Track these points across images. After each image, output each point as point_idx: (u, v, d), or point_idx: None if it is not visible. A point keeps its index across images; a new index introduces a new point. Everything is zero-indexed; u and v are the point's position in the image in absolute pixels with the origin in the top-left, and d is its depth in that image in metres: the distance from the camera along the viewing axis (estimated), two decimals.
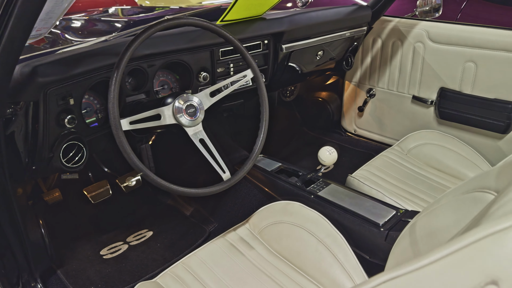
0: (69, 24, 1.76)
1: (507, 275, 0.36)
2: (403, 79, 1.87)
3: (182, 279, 1.04)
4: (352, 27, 1.75)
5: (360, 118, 2.14)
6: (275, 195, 1.41)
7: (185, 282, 1.03)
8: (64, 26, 1.71)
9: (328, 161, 1.25)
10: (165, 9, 1.82)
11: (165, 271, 1.07)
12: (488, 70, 1.59)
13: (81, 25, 1.79)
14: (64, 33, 1.66)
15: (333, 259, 1.02)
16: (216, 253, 1.12)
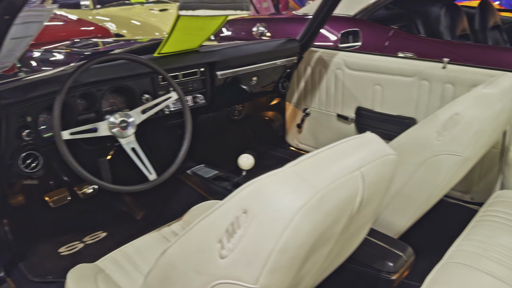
0: (41, 54, 2.03)
1: (250, 208, 0.63)
2: (329, 100, 2.18)
3: (118, 262, 1.28)
4: (283, 56, 2.06)
5: (300, 134, 2.44)
6: (208, 197, 1.67)
7: (120, 265, 1.27)
8: (38, 56, 1.98)
9: (246, 165, 1.53)
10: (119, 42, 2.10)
11: (105, 256, 1.31)
12: (391, 92, 1.91)
13: (50, 55, 2.07)
14: (35, 62, 1.93)
15: None
16: (149, 243, 1.37)
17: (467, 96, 1.17)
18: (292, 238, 0.62)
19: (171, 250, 0.75)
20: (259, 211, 0.62)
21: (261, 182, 0.65)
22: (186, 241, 0.72)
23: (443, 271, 1.12)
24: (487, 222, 1.33)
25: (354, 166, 0.72)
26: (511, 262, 1.13)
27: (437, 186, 1.20)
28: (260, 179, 0.65)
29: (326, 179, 0.67)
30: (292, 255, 0.64)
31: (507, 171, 1.59)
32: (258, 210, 0.63)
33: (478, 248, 1.19)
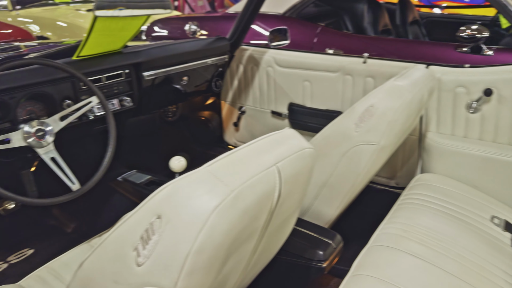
0: None
1: (164, 212, 0.62)
2: (263, 97, 2.21)
3: (44, 279, 1.20)
4: (213, 55, 2.05)
5: (237, 132, 2.45)
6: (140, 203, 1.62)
7: (48, 283, 1.19)
8: None
9: (178, 168, 1.50)
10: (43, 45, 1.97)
11: (29, 275, 1.22)
12: (319, 87, 1.98)
13: None
14: None
15: None
16: (79, 256, 1.30)
17: (381, 89, 1.24)
18: (208, 239, 0.62)
19: (87, 263, 0.72)
20: (173, 214, 0.62)
21: (175, 185, 0.64)
22: (102, 252, 0.70)
23: (369, 254, 1.18)
24: (408, 205, 1.42)
25: (270, 162, 0.74)
26: (429, 241, 1.22)
27: (359, 174, 1.27)
28: (174, 182, 0.64)
29: (241, 177, 0.68)
30: (210, 256, 0.64)
31: (425, 156, 1.72)
32: (172, 214, 0.62)
33: (399, 230, 1.27)
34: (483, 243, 1.25)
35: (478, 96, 1.56)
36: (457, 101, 1.62)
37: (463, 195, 1.49)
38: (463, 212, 1.39)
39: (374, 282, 1.06)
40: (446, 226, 1.29)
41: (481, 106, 1.57)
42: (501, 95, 1.51)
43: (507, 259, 1.20)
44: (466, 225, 1.31)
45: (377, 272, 1.09)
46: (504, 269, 1.16)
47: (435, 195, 1.47)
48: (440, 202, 1.43)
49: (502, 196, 1.53)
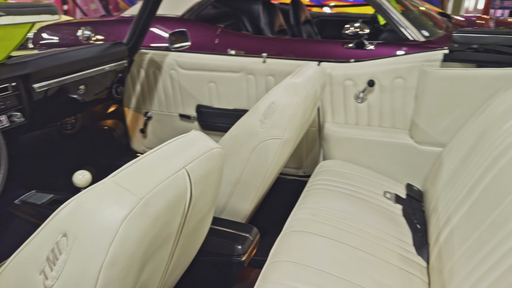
0: None
1: (69, 229, 0.60)
2: (169, 101, 2.19)
3: None
4: (110, 61, 1.97)
5: (145, 139, 2.39)
6: None
7: None
8: None
9: (82, 183, 1.42)
10: None
11: None
12: (224, 88, 2.03)
13: None
14: None
15: None
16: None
17: (279, 87, 1.33)
18: (120, 250, 0.61)
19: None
20: (80, 230, 0.60)
21: (79, 200, 0.62)
22: (2, 282, 0.64)
23: (283, 241, 1.26)
24: (314, 191, 1.54)
25: (179, 166, 0.75)
26: (334, 220, 1.34)
27: (268, 168, 1.34)
28: (78, 197, 0.62)
29: (149, 184, 0.68)
30: (123, 267, 0.63)
31: (324, 144, 1.88)
32: (79, 229, 0.60)
33: (308, 215, 1.37)
34: (379, 216, 1.41)
35: (363, 87, 1.75)
36: (346, 93, 1.79)
37: (359, 176, 1.66)
38: (360, 191, 1.55)
39: (290, 266, 1.13)
40: (348, 205, 1.44)
41: (367, 96, 1.76)
42: (381, 85, 1.72)
43: (399, 227, 1.38)
44: (364, 202, 1.48)
45: (292, 256, 1.17)
46: (398, 236, 1.33)
47: (336, 178, 1.62)
48: (341, 184, 1.58)
49: (390, 173, 1.75)
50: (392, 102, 1.73)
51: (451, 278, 0.93)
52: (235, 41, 2.71)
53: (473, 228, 0.95)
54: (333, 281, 1.09)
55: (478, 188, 1.05)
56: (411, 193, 1.60)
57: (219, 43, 2.74)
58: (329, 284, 1.08)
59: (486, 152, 1.12)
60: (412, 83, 1.67)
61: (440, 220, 1.20)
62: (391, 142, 1.71)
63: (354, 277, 1.12)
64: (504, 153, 1.01)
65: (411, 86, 1.67)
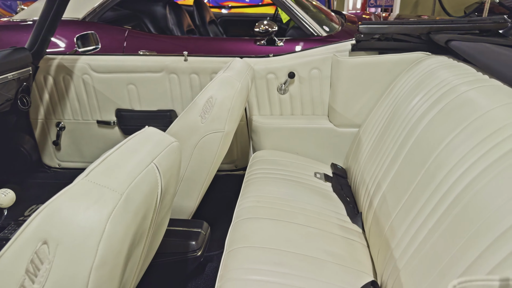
0: None
1: (50, 235, 0.56)
2: (84, 108, 2.05)
3: None
4: (12, 69, 1.78)
5: (60, 151, 2.20)
6: None
7: None
8: None
9: (6, 202, 1.28)
10: None
11: None
12: (145, 89, 1.97)
13: None
14: None
15: None
16: None
17: (215, 81, 1.36)
18: (108, 249, 0.60)
19: None
20: (62, 234, 0.57)
21: (55, 204, 0.58)
22: None
23: (235, 230, 1.31)
24: (253, 180, 1.61)
25: (147, 160, 0.75)
26: (278, 203, 1.43)
27: (211, 162, 1.37)
28: (52, 201, 0.59)
29: (125, 179, 0.67)
30: (112, 266, 0.62)
31: (254, 136, 1.96)
32: (61, 234, 0.57)
33: (253, 202, 1.44)
34: (315, 194, 1.54)
35: (284, 79, 1.87)
36: (269, 86, 1.90)
37: (290, 162, 1.78)
38: (294, 174, 1.67)
39: (248, 251, 1.18)
40: (286, 188, 1.53)
41: (288, 87, 1.89)
42: (300, 76, 1.86)
43: (333, 202, 1.53)
44: (300, 184, 1.59)
45: (247, 242, 1.22)
46: (333, 210, 1.47)
47: (271, 166, 1.71)
48: (276, 171, 1.68)
49: (316, 156, 1.90)
50: (311, 91, 1.88)
51: (393, 235, 1.08)
52: (145, 42, 2.64)
53: (404, 189, 1.11)
54: (289, 257, 1.17)
55: (399, 157, 1.23)
56: (336, 171, 1.77)
57: (128, 45, 2.64)
58: (286, 260, 1.15)
59: (401, 126, 1.31)
60: (326, 73, 1.84)
61: (370, 190, 1.37)
62: (314, 128, 1.86)
63: (307, 250, 1.21)
64: (418, 123, 1.20)
65: (326, 75, 1.84)
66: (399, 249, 1.02)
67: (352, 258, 1.24)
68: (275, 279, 1.08)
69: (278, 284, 1.07)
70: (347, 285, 1.12)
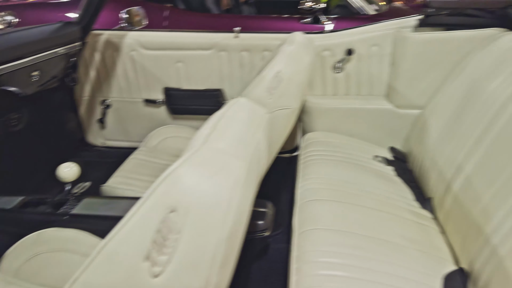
0: None
1: (178, 203, 0.51)
2: (131, 86, 2.01)
3: None
4: (63, 43, 1.74)
5: (104, 130, 2.17)
6: (24, 231, 1.29)
7: None
8: None
9: (69, 177, 1.25)
10: None
11: None
12: (194, 67, 1.92)
13: None
14: None
15: None
16: None
17: (281, 56, 1.29)
18: (236, 220, 0.55)
19: None
20: (191, 203, 0.51)
21: (179, 171, 0.53)
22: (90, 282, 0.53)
23: (303, 210, 1.25)
24: (311, 162, 1.55)
25: (254, 130, 0.69)
26: (341, 185, 1.36)
27: (276, 141, 1.31)
28: (176, 169, 0.53)
29: (244, 148, 0.61)
30: (236, 239, 0.57)
31: (305, 117, 1.89)
32: (189, 203, 0.51)
33: (316, 184, 1.37)
34: (378, 177, 1.46)
35: (341, 57, 1.78)
36: (324, 64, 1.81)
37: (346, 144, 1.70)
38: (352, 157, 1.59)
39: (321, 233, 1.12)
40: (347, 171, 1.46)
41: (344, 65, 1.80)
42: (359, 53, 1.76)
43: (398, 186, 1.45)
44: (361, 167, 1.52)
45: (318, 224, 1.16)
46: (400, 194, 1.40)
47: (326, 148, 1.64)
48: (333, 153, 1.60)
49: (372, 138, 1.82)
50: (369, 70, 1.79)
51: (487, 219, 1.00)
52: (187, 21, 2.58)
53: (498, 171, 1.02)
54: (366, 241, 1.11)
55: (485, 140, 1.14)
56: (397, 155, 1.69)
57: (169, 24, 2.58)
58: (364, 244, 1.09)
59: (483, 107, 1.21)
60: (387, 50, 1.74)
61: (445, 173, 1.28)
62: (371, 109, 1.77)
63: (382, 234, 1.15)
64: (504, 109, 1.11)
65: (386, 52, 1.74)
66: (498, 234, 0.94)
67: (430, 244, 1.16)
68: (355, 262, 1.03)
69: (360, 269, 1.01)
70: (431, 271, 1.05)
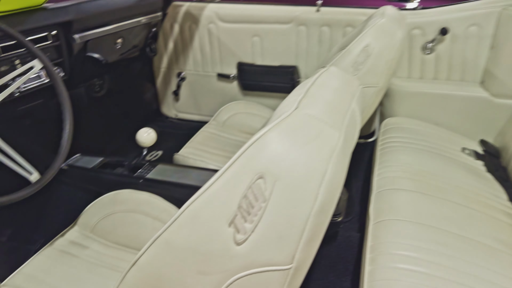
0: None
1: (267, 169, 0.46)
2: (206, 59, 2.02)
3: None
4: (146, 13, 1.77)
5: (178, 102, 2.22)
6: (102, 190, 1.35)
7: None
8: None
9: (147, 142, 1.27)
10: None
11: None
12: (270, 42, 1.86)
13: None
14: None
15: None
16: (45, 264, 1.03)
17: (371, 28, 1.18)
18: (328, 194, 0.49)
19: (147, 258, 0.52)
20: (282, 171, 0.46)
21: (269, 136, 0.48)
22: (173, 240, 0.51)
23: (380, 199, 1.16)
24: (390, 148, 1.43)
25: (349, 100, 0.62)
26: (424, 176, 1.24)
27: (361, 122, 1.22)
28: (265, 133, 0.48)
29: (340, 117, 0.55)
30: (327, 215, 0.51)
31: (386, 101, 1.76)
32: (280, 170, 0.46)
33: (396, 172, 1.27)
34: (467, 172, 1.32)
35: (433, 37, 1.62)
36: (413, 43, 1.66)
37: (431, 132, 1.56)
38: (438, 147, 1.45)
39: (400, 224, 1.03)
40: (432, 161, 1.33)
41: (436, 46, 1.63)
42: (453, 34, 1.59)
43: (490, 183, 1.29)
44: (447, 159, 1.37)
45: (398, 214, 1.07)
46: (491, 192, 1.24)
47: (408, 135, 1.51)
48: (415, 141, 1.47)
49: (460, 129, 1.65)
50: (464, 52, 1.60)
51: None
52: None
53: None
54: (453, 238, 0.99)
55: None
56: (488, 149, 1.51)
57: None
58: (450, 242, 0.98)
59: None
60: (488, 31, 1.54)
61: None
62: (463, 96, 1.60)
63: (472, 233, 1.02)
64: None
65: (487, 34, 1.54)
66: None
67: None
68: (438, 259, 0.92)
69: (443, 267, 0.91)
70: None
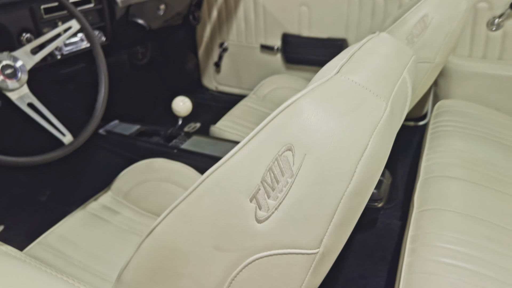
0: None
1: (297, 140, 0.40)
2: (250, 30, 1.94)
3: (41, 259, 0.94)
4: None
5: (219, 74, 2.18)
6: (136, 157, 1.35)
7: (45, 261, 0.94)
8: None
9: (183, 111, 1.25)
10: None
11: (31, 247, 0.96)
12: (318, 12, 1.75)
13: None
14: None
15: None
16: (76, 226, 1.04)
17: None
18: (369, 174, 0.42)
19: (163, 228, 0.48)
20: (313, 143, 0.40)
21: (302, 103, 0.41)
22: (190, 211, 0.47)
23: (427, 186, 1.06)
24: (442, 133, 1.31)
25: (400, 69, 0.54)
26: (479, 165, 1.12)
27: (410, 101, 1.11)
28: (297, 99, 0.42)
29: (387, 85, 0.47)
30: (363, 198, 0.45)
31: (441, 81, 1.61)
32: (311, 142, 0.40)
33: (446, 159, 1.16)
34: None
35: (502, 11, 1.44)
36: (477, 19, 1.49)
37: (491, 118, 1.40)
38: (498, 135, 1.30)
39: (447, 215, 0.94)
40: (491, 150, 1.20)
41: (504, 22, 1.45)
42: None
43: None
44: (508, 149, 1.23)
45: (446, 204, 0.97)
46: None
47: (465, 120, 1.37)
48: (473, 126, 1.33)
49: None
50: None
51: None
52: None
53: None
54: (506, 235, 0.89)
55: None
56: None
57: None
58: (502, 238, 0.88)
59: None
60: None
61: None
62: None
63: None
64: None
65: None
66: None
67: None
68: (489, 257, 0.83)
69: (493, 266, 0.81)
70: None
